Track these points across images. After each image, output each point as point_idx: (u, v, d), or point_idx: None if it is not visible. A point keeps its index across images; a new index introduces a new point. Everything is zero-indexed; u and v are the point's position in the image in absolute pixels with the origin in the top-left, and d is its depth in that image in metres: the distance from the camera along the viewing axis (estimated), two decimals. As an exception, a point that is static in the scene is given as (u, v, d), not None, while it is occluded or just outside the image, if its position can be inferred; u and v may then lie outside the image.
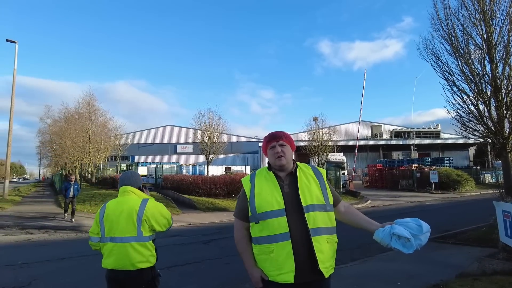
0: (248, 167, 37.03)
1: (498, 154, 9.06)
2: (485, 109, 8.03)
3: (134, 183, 2.69)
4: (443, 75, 8.62)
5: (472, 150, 50.54)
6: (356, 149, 40.58)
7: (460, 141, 41.31)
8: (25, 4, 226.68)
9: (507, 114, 7.74)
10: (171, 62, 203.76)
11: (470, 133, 8.57)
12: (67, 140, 27.82)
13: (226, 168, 34.14)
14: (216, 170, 30.31)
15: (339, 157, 27.68)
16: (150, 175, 25.99)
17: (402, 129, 51.15)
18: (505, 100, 7.71)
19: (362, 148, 48.16)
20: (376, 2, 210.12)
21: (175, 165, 31.32)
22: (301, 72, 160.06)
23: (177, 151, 54.67)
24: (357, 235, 4.44)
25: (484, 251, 6.21)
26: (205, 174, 22.95)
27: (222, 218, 12.71)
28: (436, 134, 50.14)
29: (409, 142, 47.21)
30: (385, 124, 54.05)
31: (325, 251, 1.79)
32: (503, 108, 7.74)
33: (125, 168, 34.33)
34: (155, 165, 27.20)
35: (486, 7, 7.92)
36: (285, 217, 1.79)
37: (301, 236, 1.77)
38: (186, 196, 17.15)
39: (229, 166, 35.91)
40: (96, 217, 2.61)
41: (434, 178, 23.38)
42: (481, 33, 8.03)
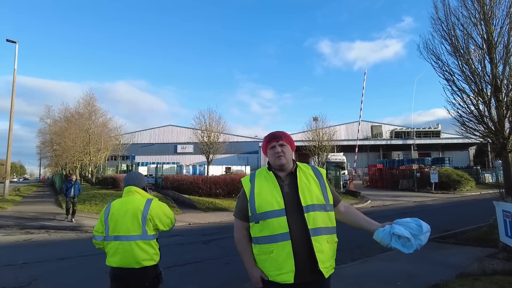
0: (248, 167, 37.01)
1: (498, 154, 9.06)
2: (485, 109, 8.02)
3: (139, 184, 2.77)
4: (443, 75, 8.62)
5: (472, 150, 50.56)
6: (356, 149, 40.64)
7: (460, 141, 41.35)
8: (25, 4, 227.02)
9: (507, 114, 7.73)
10: (171, 62, 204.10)
11: (470, 133, 8.56)
12: (67, 140, 27.81)
13: (226, 168, 34.13)
14: (216, 170, 30.30)
15: (339, 157, 27.67)
16: (150, 175, 25.97)
17: (402, 129, 51.16)
18: (505, 100, 7.70)
19: (362, 148, 48.19)
20: (376, 2, 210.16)
21: (175, 165, 31.31)
22: (301, 72, 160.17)
23: (177, 151, 54.68)
24: (357, 235, 4.45)
25: (484, 251, 6.20)
26: (205, 174, 22.94)
27: (222, 218, 12.72)
28: (436, 134, 50.14)
29: (409, 142, 47.21)
30: (385, 124, 54.06)
31: (325, 251, 1.79)
32: (503, 108, 7.73)
33: (125, 168, 34.33)
34: (155, 165, 27.21)
35: (486, 7, 7.91)
36: (285, 217, 1.79)
37: (301, 236, 1.77)
38: (186, 196, 17.17)
39: (229, 166, 35.90)
40: (101, 216, 2.66)
41: (434, 178, 23.38)
42: (481, 33, 8.02)
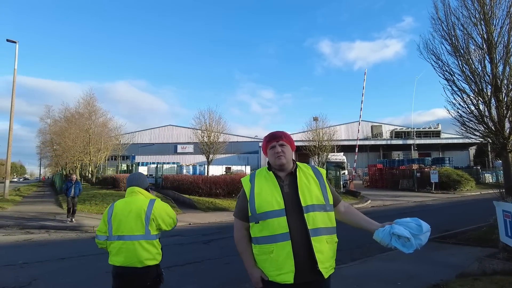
0: (249, 167, 36.98)
1: (499, 154, 9.06)
2: (486, 109, 8.02)
3: (141, 184, 2.83)
4: (443, 75, 8.62)
5: (473, 150, 50.55)
6: (357, 149, 40.65)
7: (461, 141, 41.31)
8: (25, 4, 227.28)
9: (508, 114, 7.73)
10: (171, 62, 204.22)
11: (471, 133, 8.56)
12: (68, 140, 27.80)
13: (227, 168, 34.09)
14: (216, 170, 30.27)
15: (340, 157, 27.66)
16: (151, 175, 25.93)
17: (403, 129, 51.17)
18: (506, 100, 7.70)
19: (363, 148, 48.21)
20: (376, 2, 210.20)
21: (176, 165, 31.26)
22: (301, 72, 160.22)
23: (177, 151, 54.70)
24: (357, 235, 4.45)
25: (485, 251, 6.20)
26: (205, 174, 22.94)
27: (222, 218, 12.71)
28: (437, 134, 50.15)
29: (409, 142, 47.21)
30: (386, 124, 54.07)
31: (325, 252, 1.79)
32: (504, 108, 7.73)
33: (125, 168, 34.32)
34: (156, 165, 27.18)
35: (487, 7, 7.91)
36: (285, 217, 1.79)
37: (301, 237, 1.76)
38: (187, 196, 17.16)
39: (229, 166, 35.85)
40: (104, 216, 2.70)
41: (435, 178, 23.37)
42: (482, 33, 8.02)
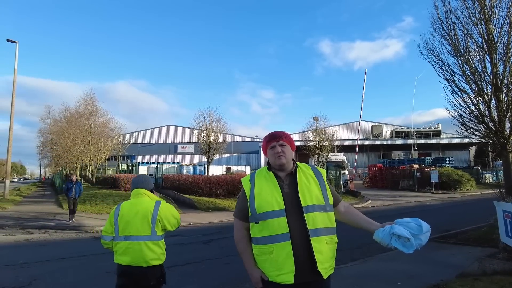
0: (249, 167, 36.98)
1: (499, 154, 9.05)
2: (486, 109, 8.02)
3: (147, 186, 2.89)
4: (444, 75, 8.62)
5: (473, 150, 50.53)
6: (357, 149, 40.59)
7: (461, 141, 41.28)
8: (25, 4, 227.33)
9: (508, 114, 7.73)
10: (171, 62, 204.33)
11: (471, 133, 8.56)
12: (68, 140, 27.82)
13: (227, 168, 34.09)
14: (217, 170, 30.27)
15: (340, 157, 27.64)
16: (151, 175, 25.83)
17: (403, 129, 51.15)
18: (506, 100, 7.70)
19: (363, 148, 48.19)
20: (376, 2, 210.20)
21: (176, 165, 31.27)
22: (301, 72, 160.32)
23: (178, 151, 54.71)
24: (357, 235, 4.44)
25: (485, 251, 6.20)
26: (206, 174, 22.94)
27: (223, 218, 12.71)
28: (437, 134, 50.12)
29: (410, 142, 47.19)
30: (386, 124, 54.05)
31: (324, 252, 1.79)
32: (504, 108, 7.73)
33: (126, 168, 34.34)
34: (156, 165, 27.19)
35: (487, 7, 7.91)
36: (285, 218, 1.78)
37: (301, 237, 1.76)
38: (187, 196, 17.16)
39: (230, 166, 35.86)
40: (110, 217, 2.76)
41: (435, 178, 23.37)
42: (482, 33, 8.02)
